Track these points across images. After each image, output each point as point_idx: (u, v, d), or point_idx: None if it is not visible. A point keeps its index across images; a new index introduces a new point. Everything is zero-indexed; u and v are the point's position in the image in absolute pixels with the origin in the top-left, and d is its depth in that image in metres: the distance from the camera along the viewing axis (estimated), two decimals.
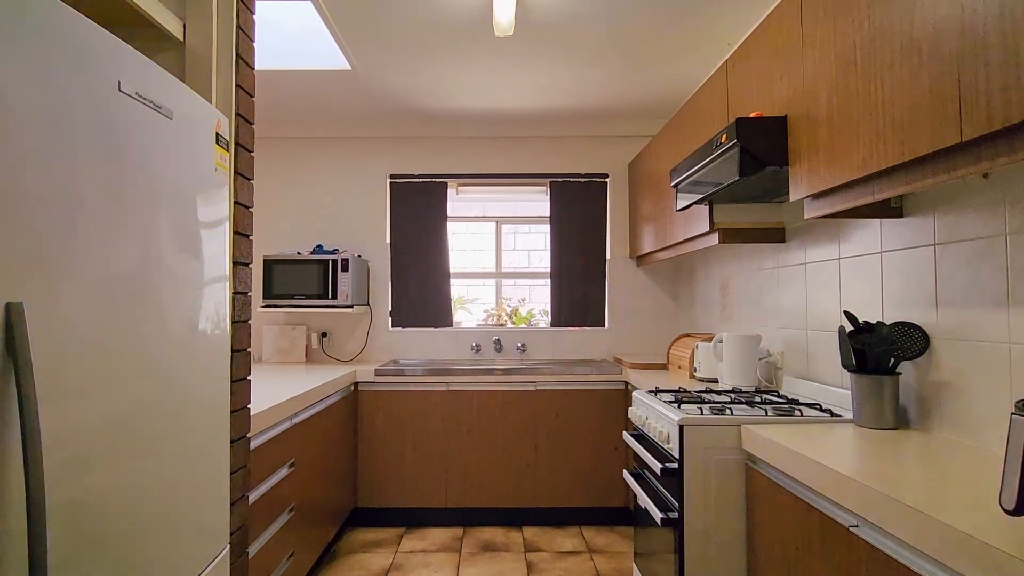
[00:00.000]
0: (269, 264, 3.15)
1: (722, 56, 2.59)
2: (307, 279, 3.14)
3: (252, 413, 1.83)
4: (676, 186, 2.23)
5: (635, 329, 3.56)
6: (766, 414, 1.66)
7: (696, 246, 2.47)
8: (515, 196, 3.79)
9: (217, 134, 1.32)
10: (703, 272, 3.14)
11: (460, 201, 3.89)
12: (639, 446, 1.99)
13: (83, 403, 0.89)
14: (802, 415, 1.65)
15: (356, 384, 3.03)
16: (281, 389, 2.30)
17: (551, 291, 3.57)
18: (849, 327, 1.65)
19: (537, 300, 4.29)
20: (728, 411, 1.71)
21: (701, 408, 1.72)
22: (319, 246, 3.40)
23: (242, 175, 1.62)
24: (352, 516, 3.05)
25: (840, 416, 1.65)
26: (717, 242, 2.22)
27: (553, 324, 3.56)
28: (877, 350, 1.51)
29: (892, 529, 1.02)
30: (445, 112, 3.33)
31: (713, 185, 1.88)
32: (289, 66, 2.66)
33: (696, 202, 2.13)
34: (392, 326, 3.56)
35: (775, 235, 2.23)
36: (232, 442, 1.56)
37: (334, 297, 3.13)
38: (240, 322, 1.61)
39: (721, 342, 2.37)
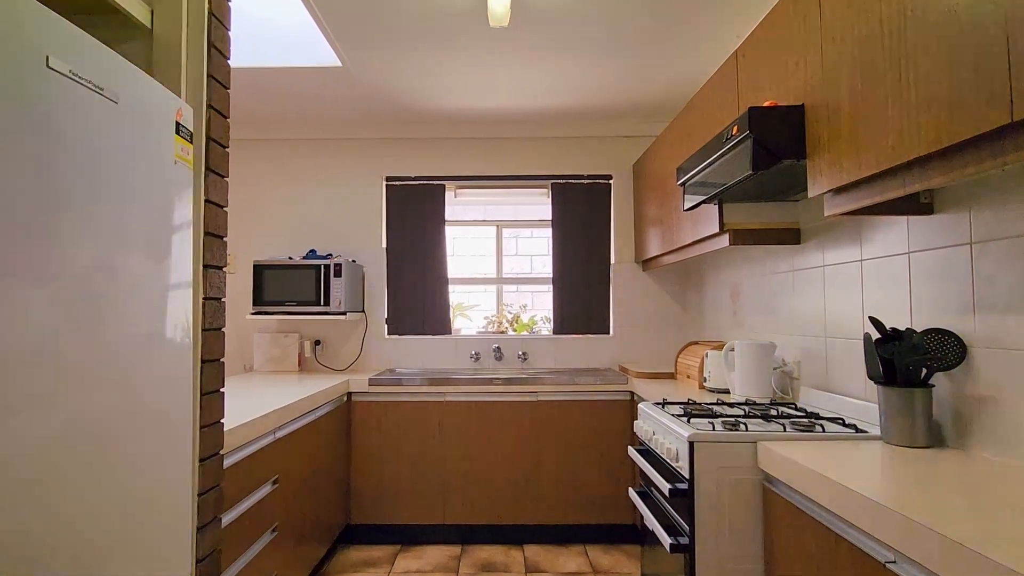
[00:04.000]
0: (259, 269, 3.04)
1: (731, 48, 2.46)
2: (299, 285, 3.03)
3: (230, 427, 1.71)
4: (683, 185, 2.10)
5: (641, 336, 3.42)
6: (784, 430, 1.52)
7: (705, 248, 2.33)
8: (516, 199, 3.67)
9: (178, 123, 1.20)
10: (712, 276, 3.00)
11: (459, 205, 3.77)
12: (645, 463, 1.85)
13: (10, 425, 0.77)
14: (824, 431, 1.51)
15: (349, 394, 2.90)
16: (269, 400, 2.18)
17: (553, 297, 3.44)
18: (876, 335, 1.50)
19: (539, 306, 4.15)
20: (742, 426, 1.57)
21: (713, 423, 1.58)
22: (312, 251, 3.29)
23: (215, 172, 1.50)
24: (344, 533, 2.92)
25: (866, 432, 1.51)
26: (728, 244, 2.09)
27: (555, 331, 3.42)
28: (908, 360, 1.37)
29: (938, 568, 0.87)
30: (442, 112, 3.22)
31: (723, 183, 1.75)
32: (277, 63, 2.56)
33: (704, 201, 2.00)
34: (388, 334, 3.43)
35: (790, 236, 2.09)
36: (201, 460, 1.43)
37: (327, 304, 3.01)
38: (212, 330, 1.49)
39: (733, 350, 2.23)
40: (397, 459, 2.88)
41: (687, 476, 1.52)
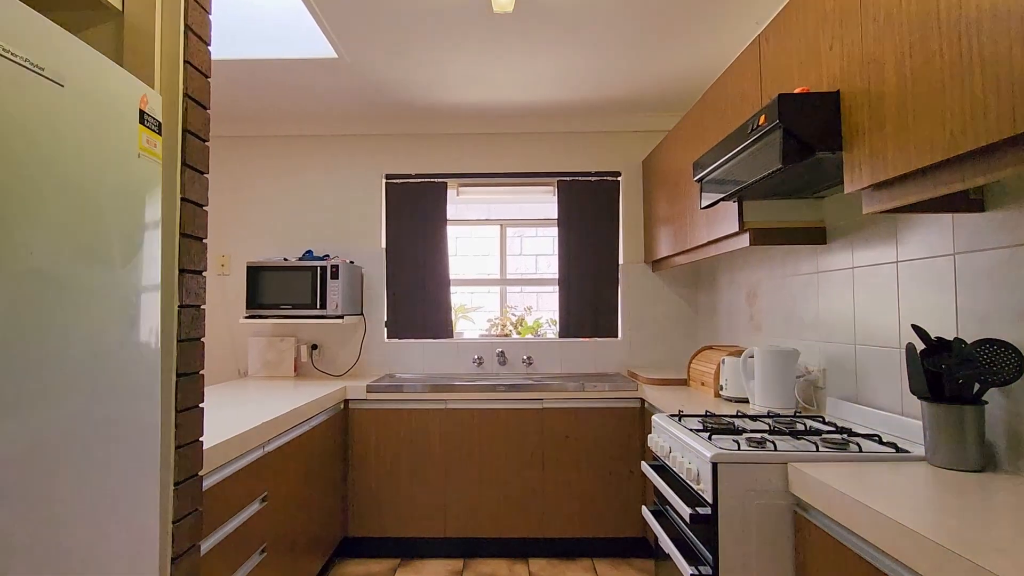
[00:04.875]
0: (253, 271, 2.91)
1: (750, 36, 2.32)
2: (294, 287, 2.90)
3: (215, 443, 1.59)
4: (700, 181, 1.96)
5: (650, 340, 3.28)
6: (816, 449, 1.38)
7: (722, 249, 2.19)
8: (521, 197, 3.54)
9: (142, 112, 1.07)
10: (727, 278, 2.86)
11: (461, 203, 3.64)
12: (661, 482, 1.71)
13: None
14: (860, 450, 1.37)
15: (346, 402, 2.77)
16: (261, 409, 2.05)
17: (559, 299, 3.30)
18: (920, 345, 1.37)
19: (545, 308, 4.02)
20: (769, 444, 1.43)
21: (737, 441, 1.44)
22: (309, 252, 3.16)
23: (192, 167, 1.38)
24: (342, 546, 2.79)
25: (907, 452, 1.37)
26: (748, 244, 1.95)
27: (561, 335, 3.29)
28: (960, 374, 1.23)
29: None
30: (443, 106, 3.09)
31: (747, 179, 1.61)
32: (269, 55, 2.43)
33: (723, 199, 1.86)
34: (388, 337, 3.30)
35: (815, 235, 1.95)
36: (177, 484, 1.31)
37: (323, 307, 2.88)
38: (190, 340, 1.37)
39: (752, 357, 2.09)
40: (396, 469, 2.75)
41: (710, 500, 1.38)
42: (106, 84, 0.96)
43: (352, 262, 3.20)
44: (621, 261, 3.31)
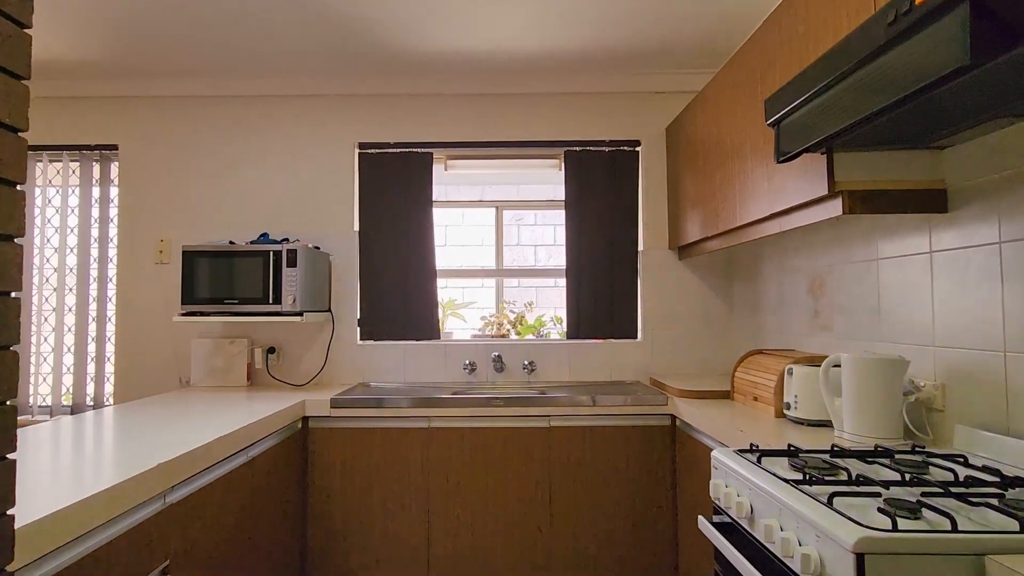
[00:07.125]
0: (190, 257, 2.35)
1: None
2: (241, 278, 2.34)
3: (58, 508, 1.03)
4: (777, 124, 1.42)
5: (677, 342, 2.75)
6: (1021, 528, 0.85)
7: (794, 223, 1.66)
8: (520, 174, 3.00)
9: None
10: (774, 265, 2.33)
11: (451, 183, 3.10)
12: (736, 553, 1.17)
13: None
14: None
15: (305, 419, 2.22)
16: (180, 436, 1.50)
17: (567, 293, 2.76)
18: None
19: (548, 304, 3.49)
20: (936, 516, 0.90)
21: (889, 514, 0.90)
22: (264, 235, 2.60)
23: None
24: None
25: None
26: (841, 213, 1.42)
27: (570, 335, 2.75)
28: None
29: None
30: (429, 58, 2.54)
31: (871, 105, 1.08)
32: None
33: (809, 147, 1.33)
34: (361, 339, 2.75)
35: (931, 201, 1.42)
36: None
37: (276, 301, 2.32)
38: None
39: (838, 366, 1.57)
40: (368, 503, 2.20)
41: None
42: None
43: (318, 248, 2.64)
44: (641, 247, 2.78)
